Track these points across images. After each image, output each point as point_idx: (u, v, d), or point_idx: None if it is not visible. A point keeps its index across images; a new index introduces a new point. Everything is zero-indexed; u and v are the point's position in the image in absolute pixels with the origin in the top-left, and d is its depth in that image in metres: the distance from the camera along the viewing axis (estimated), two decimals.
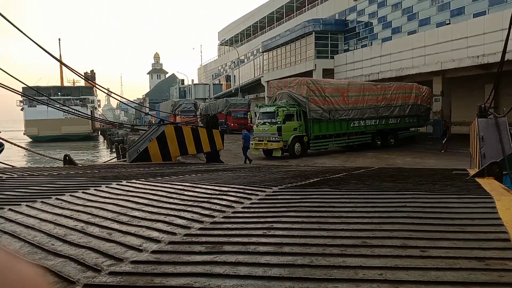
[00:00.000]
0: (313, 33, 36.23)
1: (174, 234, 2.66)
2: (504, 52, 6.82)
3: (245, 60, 64.08)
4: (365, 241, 2.33)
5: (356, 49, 35.86)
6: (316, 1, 44.18)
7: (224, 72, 76.88)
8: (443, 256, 2.04)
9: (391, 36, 32.73)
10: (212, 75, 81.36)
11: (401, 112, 23.18)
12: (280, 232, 2.60)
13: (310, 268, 1.96)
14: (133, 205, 3.60)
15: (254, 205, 3.47)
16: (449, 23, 26.80)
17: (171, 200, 3.78)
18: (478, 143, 6.83)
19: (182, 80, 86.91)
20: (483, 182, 4.39)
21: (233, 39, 71.35)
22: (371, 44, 34.32)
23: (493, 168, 4.66)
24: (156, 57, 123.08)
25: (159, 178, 5.67)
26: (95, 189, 4.50)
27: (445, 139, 19.93)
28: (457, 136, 23.39)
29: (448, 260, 1.97)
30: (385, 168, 8.11)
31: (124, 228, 2.85)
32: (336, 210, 3.16)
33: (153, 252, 2.31)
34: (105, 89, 20.17)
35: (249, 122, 26.69)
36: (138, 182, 5.03)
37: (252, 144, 19.16)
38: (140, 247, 2.40)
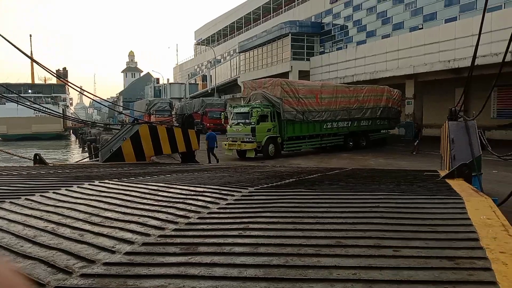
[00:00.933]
0: (290, 34, 36.49)
1: (148, 235, 2.62)
2: (474, 57, 7.03)
3: (222, 60, 63.93)
4: (340, 241, 2.36)
5: (332, 51, 36.31)
6: (293, 3, 44.52)
7: (200, 71, 76.47)
8: (415, 255, 2.08)
9: (366, 40, 33.32)
10: (188, 75, 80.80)
11: (372, 115, 23.59)
12: (256, 233, 2.60)
13: (286, 268, 1.97)
14: (106, 206, 3.53)
15: (230, 206, 3.46)
16: (422, 28, 27.49)
17: (145, 201, 3.73)
18: (449, 145, 7.02)
19: (157, 79, 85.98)
20: (453, 183, 4.50)
21: (210, 39, 71.08)
22: (346, 47, 34.82)
23: (463, 169, 4.79)
24: (131, 55, 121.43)
25: (133, 178, 5.58)
26: (66, 189, 4.39)
27: (417, 141, 20.40)
28: (428, 138, 23.96)
29: (420, 260, 2.01)
30: (358, 169, 8.23)
31: (96, 229, 2.79)
32: (311, 210, 3.19)
33: (127, 253, 2.27)
34: (78, 87, 19.69)
35: (222, 122, 26.61)
36: (111, 182, 4.94)
37: (225, 144, 19.12)
38: (113, 249, 2.35)
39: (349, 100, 22.21)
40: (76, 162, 16.17)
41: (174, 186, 4.52)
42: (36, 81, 73.43)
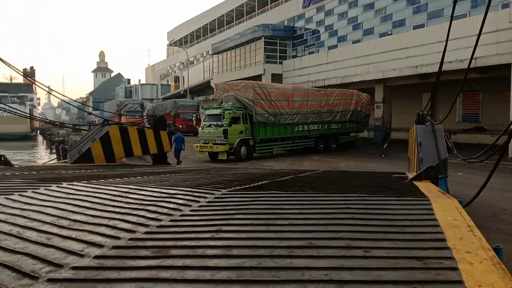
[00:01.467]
0: (263, 38, 36.67)
1: (118, 238, 2.57)
2: (441, 63, 7.26)
3: (195, 61, 63.56)
4: (312, 242, 2.38)
5: (304, 55, 36.71)
6: (266, 7, 44.77)
7: (172, 73, 75.75)
8: (385, 256, 2.12)
9: (337, 45, 33.84)
10: (160, 76, 79.89)
11: (342, 118, 23.99)
12: (229, 235, 2.59)
13: (258, 270, 1.97)
14: (75, 209, 3.44)
15: (202, 208, 3.43)
16: (391, 34, 28.17)
17: (115, 203, 3.65)
18: (416, 148, 7.21)
19: (129, 80, 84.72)
20: (421, 185, 4.62)
21: (183, 40, 70.54)
22: (318, 51, 35.28)
23: (430, 172, 4.93)
24: (101, 55, 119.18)
25: (103, 180, 5.46)
26: (33, 192, 4.25)
27: (386, 144, 20.87)
28: (396, 141, 24.54)
29: (389, 260, 2.05)
30: (330, 171, 8.35)
31: (64, 232, 2.71)
32: (284, 212, 3.20)
33: (96, 257, 2.22)
34: (46, 86, 19.22)
35: (194, 124, 26.43)
36: (80, 184, 4.82)
37: (197, 146, 19.00)
38: (81, 252, 2.29)
39: (319, 104, 22.50)
40: (44, 163, 15.69)
41: (145, 188, 4.45)
42: (2, 80, 70.96)
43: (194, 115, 27.74)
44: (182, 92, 58.64)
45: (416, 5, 27.43)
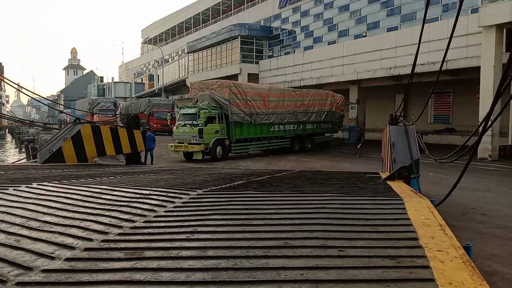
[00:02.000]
0: (239, 37, 36.64)
1: (90, 240, 2.51)
2: (414, 65, 7.41)
3: (170, 59, 62.89)
4: (287, 242, 2.38)
5: (280, 55, 36.88)
6: (242, 6, 44.74)
7: (147, 71, 74.75)
8: (359, 255, 2.15)
9: (313, 45, 34.12)
10: (134, 74, 78.69)
11: (317, 118, 24.23)
12: (204, 236, 2.57)
13: (234, 271, 1.96)
14: (45, 210, 3.34)
15: (178, 209, 3.39)
16: (366, 36, 28.62)
17: (87, 204, 3.57)
18: (390, 148, 7.35)
19: (101, 78, 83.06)
20: (394, 185, 4.71)
21: (157, 38, 69.71)
22: (294, 52, 35.50)
23: (403, 172, 5.02)
24: (73, 52, 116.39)
25: (74, 180, 5.33)
26: (1, 192, 4.11)
27: (360, 144, 21.20)
28: (370, 142, 24.96)
29: (363, 259, 2.08)
30: (305, 171, 8.40)
31: (34, 234, 2.63)
32: (260, 212, 3.20)
33: (67, 259, 2.16)
34: (15, 83, 18.62)
35: (168, 123, 26.18)
36: (50, 184, 4.69)
37: (171, 146, 18.81)
38: (52, 255, 2.22)
39: (295, 104, 22.67)
40: (13, 163, 15.20)
41: (119, 188, 4.37)
42: None
43: (169, 114, 27.43)
44: (156, 91, 57.93)
45: (390, 7, 27.95)
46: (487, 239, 6.74)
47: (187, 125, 18.40)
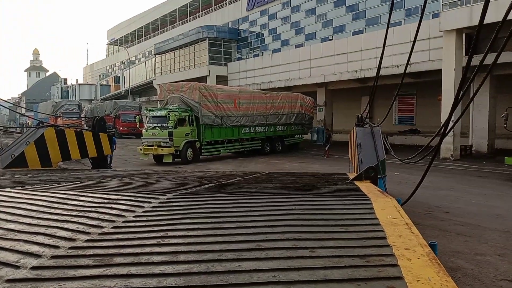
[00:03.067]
0: (207, 39, 36.51)
1: (57, 247, 2.43)
2: (379, 68, 7.61)
3: (136, 61, 61.88)
4: (260, 244, 2.39)
5: (249, 58, 36.99)
6: (210, 8, 44.59)
7: (112, 72, 73.28)
8: (330, 255, 2.18)
9: (281, 48, 34.42)
10: (100, 76, 76.98)
11: (287, 120, 24.50)
12: (175, 240, 2.54)
13: (206, 275, 1.95)
14: (8, 217, 3.21)
15: (147, 213, 3.34)
16: (332, 39, 29.12)
17: (52, 211, 3.46)
18: (356, 149, 7.50)
19: (65, 79, 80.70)
20: (361, 185, 4.80)
21: (124, 39, 68.48)
22: (263, 54, 35.70)
23: (370, 172, 5.13)
24: (36, 53, 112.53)
25: (38, 186, 5.16)
26: None
27: (328, 145, 21.54)
28: (338, 143, 25.40)
29: (334, 259, 2.11)
30: (275, 173, 8.45)
31: None
32: (231, 215, 3.19)
33: (33, 268, 2.08)
34: None
35: (137, 126, 25.77)
36: (13, 190, 4.51)
37: (140, 149, 18.54)
38: (17, 264, 2.14)
39: (265, 106, 22.82)
40: None
41: (85, 194, 4.26)
42: None
43: (137, 117, 27.00)
44: (123, 93, 56.87)
45: (355, 11, 28.58)
46: (450, 237, 7.00)
47: (157, 128, 18.19)
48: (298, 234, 2.60)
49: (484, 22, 3.17)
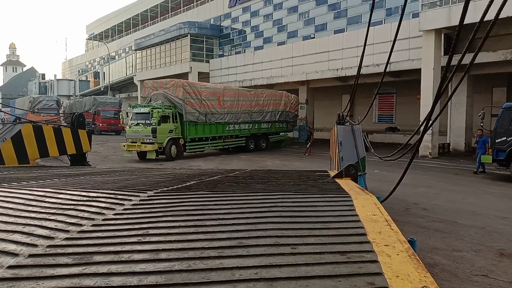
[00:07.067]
0: (189, 35, 36.21)
1: (35, 246, 2.38)
2: (360, 67, 7.69)
3: (116, 57, 60.99)
4: (241, 241, 2.39)
5: (231, 55, 36.86)
6: (192, 4, 44.24)
7: (92, 68, 72.09)
8: (311, 252, 2.19)
9: (263, 46, 34.42)
10: (79, 71, 75.63)
11: (272, 118, 24.57)
12: (156, 238, 2.52)
13: (188, 273, 1.94)
14: None
15: (128, 211, 3.30)
16: (314, 37, 29.27)
17: (30, 208, 3.39)
18: (337, 147, 7.58)
19: (43, 75, 79.08)
20: (342, 182, 4.85)
21: (103, 34, 67.37)
22: (245, 51, 35.62)
23: (350, 169, 5.18)
24: (12, 47, 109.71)
25: (15, 183, 5.04)
26: None
27: (309, 143, 21.69)
28: (319, 141, 25.60)
29: (315, 256, 2.13)
30: (257, 170, 8.46)
31: None
32: (213, 212, 3.19)
33: (10, 267, 2.04)
34: None
35: (120, 122, 25.50)
36: None
37: (124, 145, 18.39)
38: None
39: (250, 103, 22.85)
40: None
41: (64, 191, 4.18)
42: None
43: (121, 113, 26.71)
44: (102, 89, 55.98)
45: (337, 10, 28.77)
46: (428, 233, 7.14)
47: (140, 124, 18.09)
48: (279, 231, 2.61)
49: (464, 23, 3.23)
